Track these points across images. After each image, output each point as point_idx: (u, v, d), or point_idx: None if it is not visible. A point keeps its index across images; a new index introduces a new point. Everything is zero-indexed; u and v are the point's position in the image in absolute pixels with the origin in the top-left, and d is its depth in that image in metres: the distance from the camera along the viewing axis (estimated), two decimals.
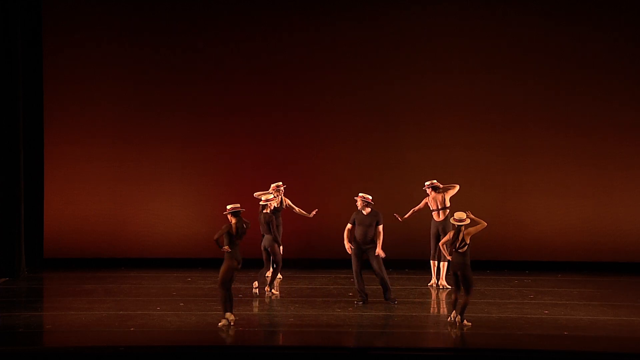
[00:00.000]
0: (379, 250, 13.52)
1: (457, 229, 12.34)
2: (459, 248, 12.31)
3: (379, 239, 13.56)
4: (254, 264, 14.77)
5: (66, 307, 13.42)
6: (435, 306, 14.24)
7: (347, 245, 13.63)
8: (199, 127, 17.26)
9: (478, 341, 12.03)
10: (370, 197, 13.69)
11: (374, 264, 13.57)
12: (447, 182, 15.30)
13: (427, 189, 14.96)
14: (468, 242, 12.31)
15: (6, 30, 15.77)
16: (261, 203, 14.42)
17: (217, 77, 17.31)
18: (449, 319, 12.54)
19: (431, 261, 15.17)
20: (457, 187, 15.04)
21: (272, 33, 17.24)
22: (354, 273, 13.66)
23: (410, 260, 16.78)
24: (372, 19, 17.21)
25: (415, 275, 16.11)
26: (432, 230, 15.03)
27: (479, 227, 12.39)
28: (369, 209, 13.65)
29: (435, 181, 15.01)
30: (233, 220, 12.39)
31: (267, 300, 14.21)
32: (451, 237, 12.41)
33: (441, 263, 14.98)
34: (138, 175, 17.29)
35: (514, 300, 14.29)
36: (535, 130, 17.11)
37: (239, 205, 12.52)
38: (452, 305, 12.53)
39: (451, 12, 17.13)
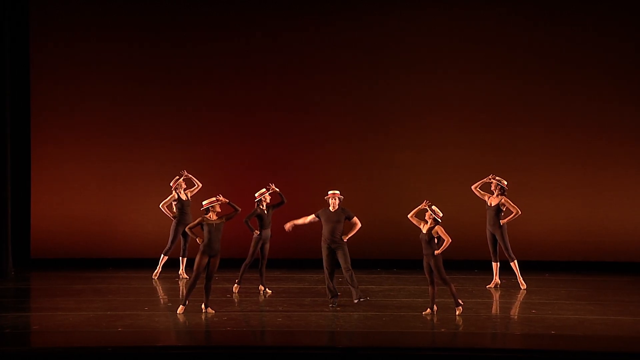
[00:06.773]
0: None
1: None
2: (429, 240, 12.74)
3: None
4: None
5: (54, 308, 13.36)
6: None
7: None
8: (189, 127, 17.24)
9: (465, 341, 12.03)
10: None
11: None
12: (440, 181, 15.24)
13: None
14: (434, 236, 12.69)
15: None
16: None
17: (207, 76, 17.29)
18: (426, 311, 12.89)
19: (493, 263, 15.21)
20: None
21: (265, 33, 17.23)
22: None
23: (399, 260, 16.81)
24: (365, 20, 17.22)
25: (403, 275, 16.13)
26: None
27: (445, 238, 12.67)
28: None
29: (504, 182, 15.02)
30: None
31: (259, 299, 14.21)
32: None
33: (494, 263, 15.07)
34: (126, 175, 17.25)
35: (502, 299, 14.30)
36: (525, 131, 17.16)
37: None
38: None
39: (443, 13, 17.17)
